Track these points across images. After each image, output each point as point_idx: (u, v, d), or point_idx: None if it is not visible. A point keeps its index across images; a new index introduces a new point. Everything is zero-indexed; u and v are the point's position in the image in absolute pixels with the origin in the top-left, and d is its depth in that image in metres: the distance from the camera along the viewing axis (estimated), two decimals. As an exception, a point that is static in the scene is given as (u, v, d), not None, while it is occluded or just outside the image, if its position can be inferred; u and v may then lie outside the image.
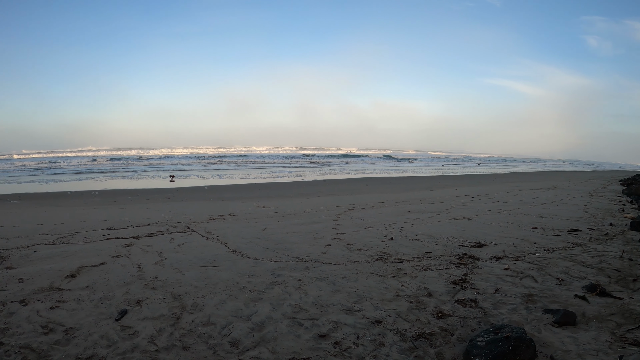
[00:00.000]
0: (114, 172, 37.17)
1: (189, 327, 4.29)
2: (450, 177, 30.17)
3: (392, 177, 30.05)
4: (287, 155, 68.37)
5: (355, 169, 41.66)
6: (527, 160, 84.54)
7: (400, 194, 16.97)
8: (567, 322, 4.21)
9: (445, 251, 7.09)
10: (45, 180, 29.15)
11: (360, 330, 4.15)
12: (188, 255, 6.96)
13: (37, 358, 3.73)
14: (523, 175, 35.82)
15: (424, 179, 27.89)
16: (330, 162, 55.43)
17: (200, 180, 27.55)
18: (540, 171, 45.97)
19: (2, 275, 6.07)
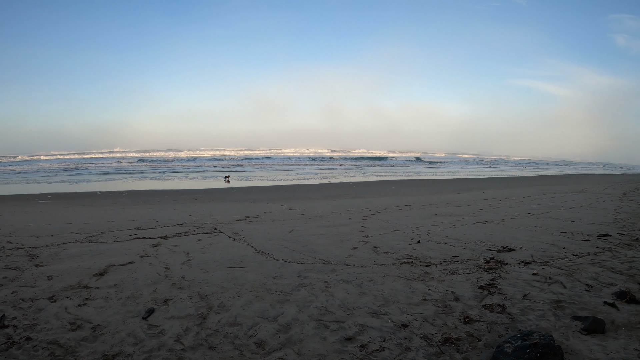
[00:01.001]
0: (142, 173, 37.70)
1: (216, 327, 4.33)
2: (477, 180, 29.78)
3: (418, 180, 29.81)
4: (314, 157, 68.41)
5: (382, 171, 41.43)
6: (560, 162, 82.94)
7: (427, 197, 16.84)
8: (596, 329, 4.11)
9: (473, 255, 7.01)
10: (74, 180, 29.72)
11: (387, 333, 4.12)
12: (215, 256, 7.02)
13: (64, 354, 3.80)
14: (551, 178, 35.18)
15: (450, 182, 27.62)
16: (356, 165, 55.29)
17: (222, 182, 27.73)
18: (568, 174, 45.08)
19: (31, 272, 6.22)
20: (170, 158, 62.64)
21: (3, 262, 6.73)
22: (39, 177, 33.22)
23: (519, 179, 32.49)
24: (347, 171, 41.50)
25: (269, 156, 71.67)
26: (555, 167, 62.06)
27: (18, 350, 3.85)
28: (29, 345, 3.95)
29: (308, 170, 42.53)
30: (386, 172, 40.15)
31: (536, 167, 62.18)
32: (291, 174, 36.34)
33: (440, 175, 36.38)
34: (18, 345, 3.95)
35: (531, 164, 72.18)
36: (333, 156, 73.40)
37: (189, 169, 43.02)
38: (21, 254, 7.25)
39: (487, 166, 59.71)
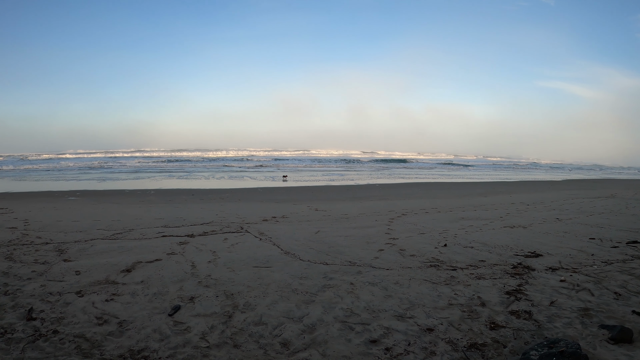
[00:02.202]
0: (169, 172, 38.13)
1: (241, 325, 4.35)
2: (504, 183, 29.35)
3: (445, 182, 29.52)
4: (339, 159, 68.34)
5: (407, 174, 41.16)
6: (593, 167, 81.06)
7: (453, 200, 16.66)
8: (624, 339, 4.01)
9: (500, 260, 6.91)
10: (102, 178, 30.22)
11: (412, 337, 4.09)
12: (241, 255, 7.06)
13: (90, 347, 3.86)
14: (579, 182, 34.41)
15: (477, 185, 27.30)
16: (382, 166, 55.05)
17: (253, 182, 27.92)
18: (596, 178, 44.03)
19: (59, 267, 6.34)
20: (197, 158, 63.22)
21: (32, 257, 6.88)
22: (67, 175, 33.85)
23: (547, 183, 31.90)
24: (373, 173, 41.36)
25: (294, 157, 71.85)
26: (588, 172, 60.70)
27: (45, 343, 3.93)
28: (56, 338, 4.02)
29: (334, 171, 42.50)
30: (412, 174, 39.92)
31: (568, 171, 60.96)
32: (317, 174, 36.39)
33: (467, 178, 35.99)
34: (45, 337, 4.03)
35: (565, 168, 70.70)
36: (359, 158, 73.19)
37: (216, 169, 43.39)
38: (50, 249, 7.39)
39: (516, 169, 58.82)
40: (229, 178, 30.94)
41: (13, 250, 7.31)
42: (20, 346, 3.87)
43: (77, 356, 3.70)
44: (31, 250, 7.29)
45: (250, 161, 59.16)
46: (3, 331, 4.16)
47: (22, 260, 6.65)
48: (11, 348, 3.84)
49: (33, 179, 29.64)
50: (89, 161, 54.88)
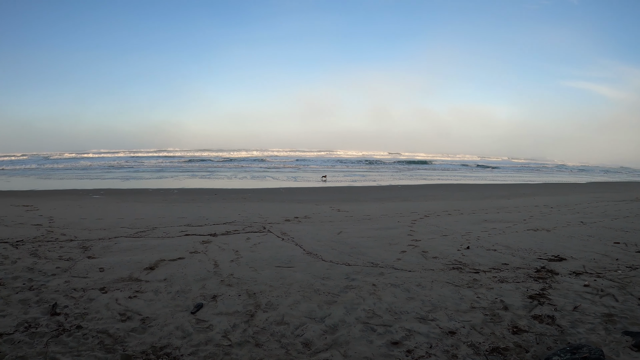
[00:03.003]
0: (192, 172, 38.45)
1: (263, 324, 4.35)
2: (527, 186, 28.93)
3: (467, 184, 29.25)
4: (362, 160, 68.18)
5: (430, 175, 40.88)
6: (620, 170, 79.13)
7: (476, 202, 16.49)
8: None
9: (523, 263, 6.81)
10: (126, 177, 30.62)
11: (434, 340, 4.06)
12: (264, 255, 7.08)
13: (113, 343, 3.91)
14: (604, 185, 33.70)
15: (500, 187, 26.97)
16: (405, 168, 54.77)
17: (275, 182, 28.03)
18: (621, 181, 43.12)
19: (84, 263, 6.43)
20: (220, 158, 63.64)
21: (57, 253, 6.98)
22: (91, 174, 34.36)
23: (571, 185, 31.40)
24: (395, 174, 41.19)
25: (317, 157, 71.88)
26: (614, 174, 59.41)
27: (68, 338, 3.98)
28: (79, 333, 4.08)
29: (356, 172, 42.44)
30: (434, 176, 39.66)
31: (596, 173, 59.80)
32: (339, 175, 36.37)
33: (490, 180, 35.60)
34: (68, 332, 4.09)
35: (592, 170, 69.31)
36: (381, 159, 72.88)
37: (238, 169, 43.67)
38: (74, 246, 7.50)
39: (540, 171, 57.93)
40: (251, 178, 31.11)
41: (38, 246, 7.43)
42: (44, 340, 3.92)
43: (100, 351, 3.75)
44: (56, 247, 7.40)
45: (272, 161, 59.35)
46: (27, 325, 4.24)
47: (46, 257, 6.76)
48: (35, 342, 3.90)
49: (57, 178, 30.18)
50: (113, 160, 55.66)
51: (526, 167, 67.01)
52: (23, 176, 32.60)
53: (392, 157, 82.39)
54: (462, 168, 57.90)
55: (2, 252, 7.00)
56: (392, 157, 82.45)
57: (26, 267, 6.17)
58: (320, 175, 34.91)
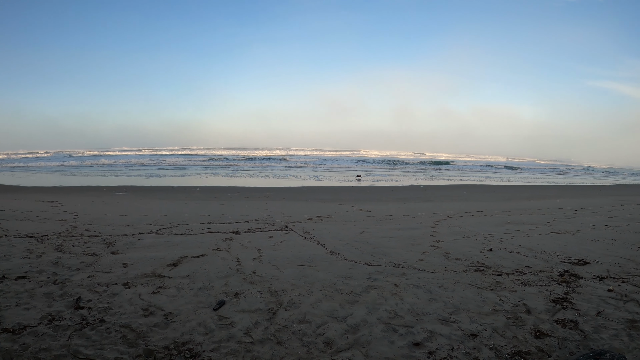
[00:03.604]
0: (214, 170, 38.74)
1: (284, 323, 4.36)
2: (551, 187, 28.50)
3: (490, 185, 28.94)
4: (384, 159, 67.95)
5: (452, 175, 40.57)
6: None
7: (499, 203, 16.30)
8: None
9: (546, 267, 6.70)
10: (149, 175, 30.99)
11: (455, 342, 4.03)
12: (286, 253, 7.09)
13: (135, 338, 3.95)
14: (629, 187, 32.95)
15: (524, 188, 26.67)
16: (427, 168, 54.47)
17: (297, 181, 28.10)
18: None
19: (107, 259, 6.52)
20: (242, 156, 63.97)
21: (81, 248, 7.09)
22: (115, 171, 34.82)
23: (595, 187, 30.86)
24: (417, 174, 40.98)
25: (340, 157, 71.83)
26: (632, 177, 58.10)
27: (91, 331, 4.04)
28: (102, 327, 4.13)
29: (378, 172, 42.34)
30: (457, 176, 39.36)
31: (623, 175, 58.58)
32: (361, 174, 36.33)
33: (513, 181, 35.21)
34: (92, 326, 4.15)
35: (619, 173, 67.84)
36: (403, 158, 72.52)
37: (260, 168, 43.86)
38: (98, 242, 7.60)
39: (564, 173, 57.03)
40: (273, 177, 31.24)
41: (62, 241, 7.55)
42: (68, 333, 3.99)
43: (123, 345, 3.79)
44: (80, 242, 7.51)
45: (294, 160, 59.45)
46: (51, 318, 4.31)
47: (71, 252, 6.87)
48: (58, 335, 3.96)
49: (82, 175, 30.64)
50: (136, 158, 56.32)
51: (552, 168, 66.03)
52: (48, 173, 33.21)
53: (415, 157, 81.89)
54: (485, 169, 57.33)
55: (27, 247, 7.12)
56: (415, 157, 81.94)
57: (51, 262, 6.27)
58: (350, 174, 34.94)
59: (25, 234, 8.06)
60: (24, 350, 3.68)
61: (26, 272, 5.77)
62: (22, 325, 4.15)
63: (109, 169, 37.94)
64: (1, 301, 4.74)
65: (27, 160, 52.22)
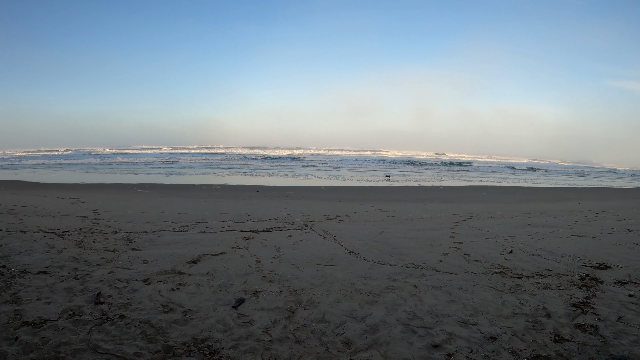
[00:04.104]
0: (233, 168, 38.94)
1: (303, 322, 4.37)
2: (572, 190, 28.06)
3: (511, 187, 28.61)
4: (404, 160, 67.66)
5: (472, 176, 40.20)
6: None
7: (519, 205, 16.12)
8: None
9: (567, 270, 6.61)
10: (169, 173, 31.24)
11: (474, 344, 3.99)
12: (305, 253, 7.10)
13: (155, 334, 3.98)
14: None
15: (544, 190, 26.31)
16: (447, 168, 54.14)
17: (316, 180, 28.09)
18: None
19: (128, 255, 6.58)
20: (261, 155, 64.21)
21: (101, 244, 7.16)
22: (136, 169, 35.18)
23: (617, 190, 30.29)
24: (436, 174, 40.74)
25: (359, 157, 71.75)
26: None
27: (111, 326, 4.08)
28: (122, 323, 4.17)
29: (397, 172, 42.15)
30: (477, 177, 39.03)
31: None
32: (380, 175, 36.20)
33: (534, 183, 34.77)
34: (112, 321, 4.19)
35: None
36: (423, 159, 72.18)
37: (279, 167, 43.95)
38: (119, 238, 7.68)
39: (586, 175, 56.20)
40: (292, 176, 31.28)
41: (83, 237, 7.64)
42: (88, 328, 4.03)
43: (142, 341, 3.82)
44: (100, 239, 7.60)
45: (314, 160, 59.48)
46: (71, 313, 4.37)
47: (91, 248, 6.95)
48: (78, 329, 4.01)
49: (102, 172, 30.98)
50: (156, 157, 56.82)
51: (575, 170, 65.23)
52: (69, 170, 33.66)
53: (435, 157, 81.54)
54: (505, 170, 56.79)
55: (49, 242, 7.22)
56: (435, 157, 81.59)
57: (71, 257, 6.36)
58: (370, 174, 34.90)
59: (47, 230, 8.18)
60: (44, 343, 3.73)
61: (47, 267, 5.85)
62: (43, 319, 4.21)
63: (129, 167, 38.34)
64: (22, 295, 4.81)
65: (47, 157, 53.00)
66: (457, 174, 42.72)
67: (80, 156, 56.66)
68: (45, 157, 52.80)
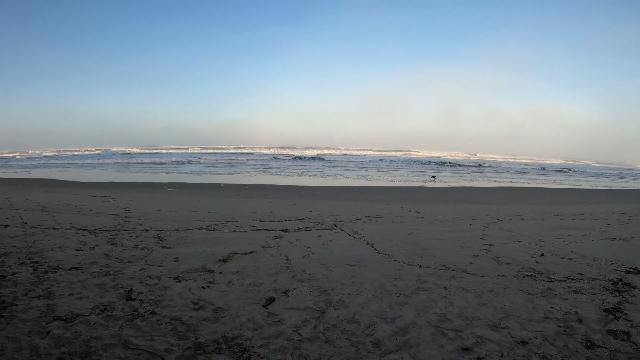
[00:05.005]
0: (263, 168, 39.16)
1: (334, 322, 4.36)
2: (604, 191, 27.40)
3: (541, 188, 28.14)
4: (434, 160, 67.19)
5: (502, 177, 39.70)
6: None
7: (550, 207, 15.83)
8: None
9: (599, 274, 6.45)
10: (199, 172, 31.61)
11: (505, 349, 3.93)
12: (335, 253, 7.09)
13: (185, 330, 4.02)
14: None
15: (575, 192, 25.78)
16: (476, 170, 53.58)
17: (346, 180, 28.10)
18: None
19: (158, 253, 6.67)
20: (290, 155, 64.44)
21: (133, 242, 7.27)
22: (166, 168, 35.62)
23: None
24: (467, 175, 40.39)
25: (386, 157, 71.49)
26: None
27: (142, 322, 4.15)
28: (153, 319, 4.23)
29: (426, 172, 41.87)
30: (506, 178, 38.56)
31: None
32: (408, 175, 36.04)
33: (565, 184, 34.13)
34: (143, 317, 4.26)
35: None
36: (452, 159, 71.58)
37: (308, 167, 44.10)
38: (150, 236, 7.79)
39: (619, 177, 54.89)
40: (321, 176, 31.35)
41: (115, 235, 7.77)
42: (119, 324, 4.09)
43: (173, 337, 3.87)
44: (132, 236, 7.71)
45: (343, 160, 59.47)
46: (103, 308, 4.44)
47: (123, 245, 7.06)
48: (110, 325, 4.08)
49: (133, 171, 31.48)
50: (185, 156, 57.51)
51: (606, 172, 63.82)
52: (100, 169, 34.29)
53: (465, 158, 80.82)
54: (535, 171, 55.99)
55: (81, 239, 7.36)
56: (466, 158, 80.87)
57: (103, 254, 6.47)
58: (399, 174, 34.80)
59: (79, 227, 8.33)
60: (76, 338, 3.79)
61: (79, 263, 5.97)
62: (75, 313, 4.29)
63: (159, 166, 38.89)
64: (55, 290, 4.91)
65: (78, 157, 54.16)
66: (487, 175, 42.28)
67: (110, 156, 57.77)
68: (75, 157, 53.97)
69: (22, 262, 5.94)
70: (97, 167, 37.55)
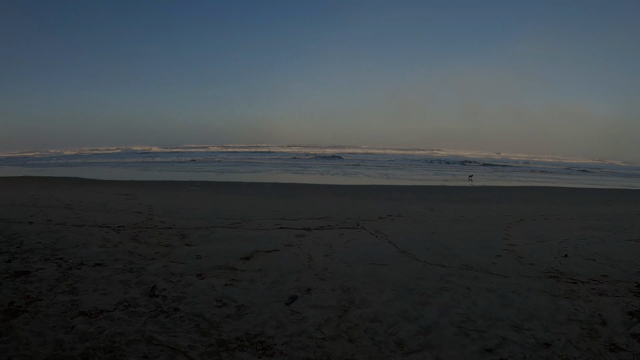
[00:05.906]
0: (284, 167, 39.27)
1: (356, 321, 4.36)
2: (629, 191, 26.87)
3: (564, 187, 27.67)
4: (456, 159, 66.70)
5: (524, 177, 39.13)
6: None
7: (573, 207, 15.57)
8: None
9: (623, 276, 6.34)
10: (221, 170, 31.77)
11: (528, 350, 3.90)
12: (357, 251, 7.09)
13: (208, 327, 4.06)
14: None
15: (599, 192, 25.28)
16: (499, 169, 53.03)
17: (367, 179, 27.99)
18: None
19: (181, 250, 6.74)
20: (312, 154, 64.50)
21: (156, 239, 7.34)
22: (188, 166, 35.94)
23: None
24: (488, 174, 39.96)
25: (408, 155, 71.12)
26: None
27: (166, 319, 4.20)
28: (176, 315, 4.28)
29: (448, 172, 41.55)
30: (529, 178, 38.00)
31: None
32: (429, 174, 35.83)
33: (588, 184, 33.52)
34: (166, 314, 4.31)
35: None
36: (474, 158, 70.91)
37: (330, 166, 44.00)
38: (173, 234, 7.86)
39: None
40: (343, 174, 31.26)
41: (138, 232, 7.86)
42: (142, 319, 4.15)
43: (196, 334, 3.90)
44: (155, 234, 7.79)
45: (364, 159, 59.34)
46: (127, 304, 4.51)
47: (146, 242, 7.15)
48: (133, 320, 4.14)
49: (155, 170, 31.78)
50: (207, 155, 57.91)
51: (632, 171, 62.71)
52: (122, 167, 34.67)
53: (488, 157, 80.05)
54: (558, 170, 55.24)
55: (105, 236, 7.47)
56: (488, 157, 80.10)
57: (127, 251, 6.56)
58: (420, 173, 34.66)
59: (103, 224, 8.45)
60: (100, 333, 3.86)
61: (103, 259, 6.06)
62: (99, 309, 4.36)
63: (181, 165, 39.20)
64: (79, 286, 4.99)
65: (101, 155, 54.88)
66: (508, 174, 41.81)
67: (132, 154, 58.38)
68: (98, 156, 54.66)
69: (46, 259, 6.06)
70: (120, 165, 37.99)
